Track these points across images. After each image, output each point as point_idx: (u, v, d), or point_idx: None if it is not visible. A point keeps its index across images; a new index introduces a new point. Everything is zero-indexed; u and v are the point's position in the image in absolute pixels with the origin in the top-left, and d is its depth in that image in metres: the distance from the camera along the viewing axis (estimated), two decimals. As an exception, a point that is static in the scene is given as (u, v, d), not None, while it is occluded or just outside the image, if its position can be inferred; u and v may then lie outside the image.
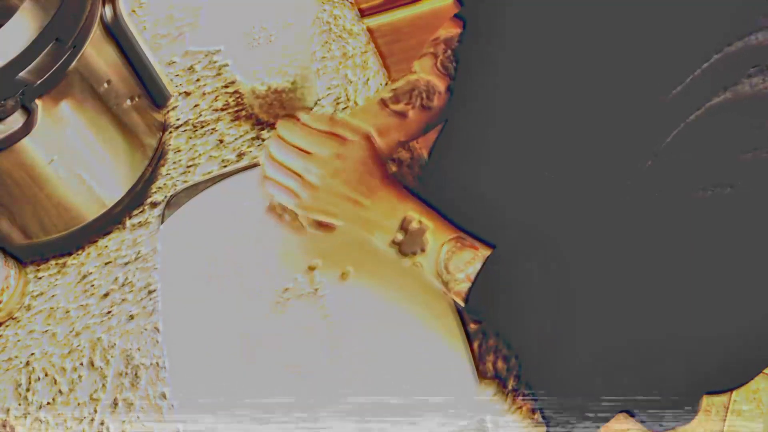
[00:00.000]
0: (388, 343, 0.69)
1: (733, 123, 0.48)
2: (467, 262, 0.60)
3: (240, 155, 0.87)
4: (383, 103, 0.71)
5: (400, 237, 0.63)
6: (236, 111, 0.91)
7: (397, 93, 0.72)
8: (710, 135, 0.48)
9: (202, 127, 0.90)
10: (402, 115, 0.70)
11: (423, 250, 0.62)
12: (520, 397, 0.66)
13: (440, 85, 0.73)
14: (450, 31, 0.77)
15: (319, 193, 0.64)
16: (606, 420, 0.62)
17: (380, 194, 0.64)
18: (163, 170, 0.86)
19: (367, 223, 0.65)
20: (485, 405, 0.65)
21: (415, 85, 0.72)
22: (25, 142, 0.66)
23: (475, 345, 0.69)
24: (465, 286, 0.60)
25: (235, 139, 0.88)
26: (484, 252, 0.60)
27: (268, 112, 0.87)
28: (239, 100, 0.92)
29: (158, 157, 0.85)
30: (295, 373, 0.68)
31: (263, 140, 0.88)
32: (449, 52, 0.75)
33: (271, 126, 0.89)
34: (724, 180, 0.47)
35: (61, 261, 0.81)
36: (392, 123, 0.70)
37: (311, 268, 0.75)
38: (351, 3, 1.01)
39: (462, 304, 0.61)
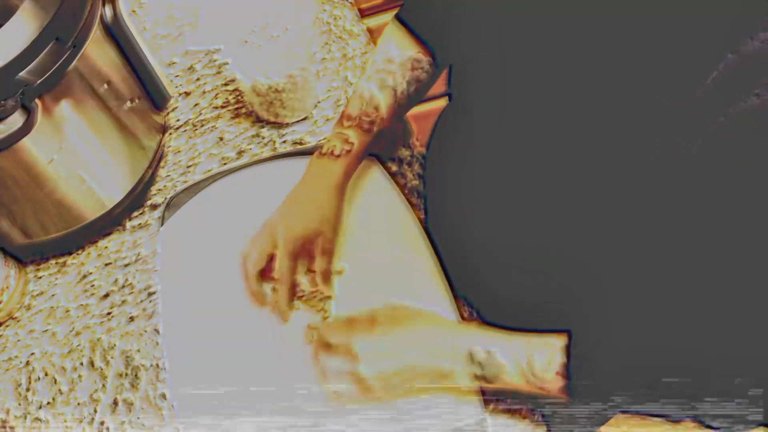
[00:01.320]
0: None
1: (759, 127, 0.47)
2: (549, 361, 0.58)
3: (240, 152, 0.87)
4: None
5: (478, 371, 0.61)
6: (236, 108, 0.91)
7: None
8: (738, 142, 0.48)
9: (202, 125, 0.90)
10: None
11: (505, 370, 0.60)
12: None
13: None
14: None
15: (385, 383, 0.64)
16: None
17: (433, 350, 0.63)
18: (163, 172, 0.86)
19: (442, 376, 0.63)
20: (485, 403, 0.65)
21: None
22: (25, 142, 0.66)
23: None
24: (561, 382, 0.58)
25: (235, 137, 0.88)
26: (560, 342, 0.58)
27: (269, 110, 0.87)
28: (239, 97, 0.92)
29: (158, 159, 0.85)
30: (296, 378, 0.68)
31: (263, 137, 0.88)
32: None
33: (271, 123, 0.89)
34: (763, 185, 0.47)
35: (61, 260, 0.81)
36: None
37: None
38: (351, 3, 1.01)
39: (568, 399, 0.58)
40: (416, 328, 0.64)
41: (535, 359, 0.58)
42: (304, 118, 0.89)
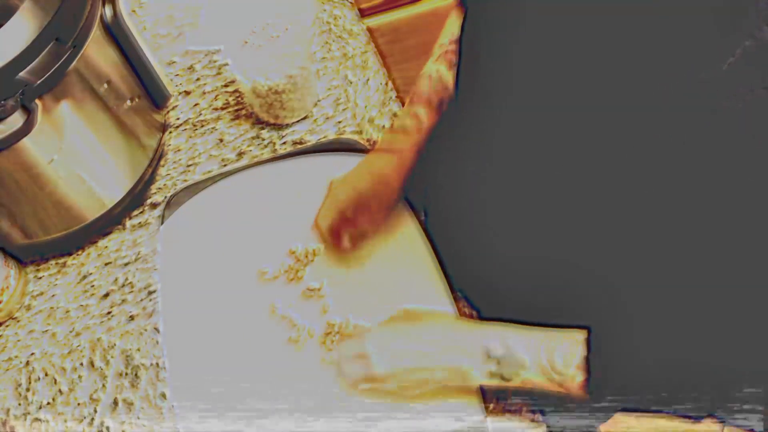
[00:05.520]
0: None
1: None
2: (570, 355, 0.57)
3: (240, 154, 0.87)
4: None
5: (495, 368, 0.60)
6: (236, 110, 0.91)
7: None
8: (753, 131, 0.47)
9: (202, 126, 0.90)
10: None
11: (524, 366, 0.58)
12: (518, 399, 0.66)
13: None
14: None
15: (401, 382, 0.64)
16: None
17: (448, 347, 0.62)
18: (163, 171, 0.86)
19: (458, 374, 0.62)
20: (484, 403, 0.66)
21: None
22: (25, 142, 0.66)
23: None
24: (581, 378, 0.56)
25: (235, 138, 0.88)
26: (579, 335, 0.57)
27: (268, 112, 0.87)
28: (239, 99, 0.92)
29: (158, 157, 0.85)
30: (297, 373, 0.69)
31: (263, 139, 0.88)
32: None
33: (271, 125, 0.89)
34: None
35: (61, 261, 0.81)
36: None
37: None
38: (351, 3, 1.01)
39: (586, 396, 0.57)
40: (429, 324, 0.64)
41: (556, 353, 0.57)
42: (304, 118, 0.89)
